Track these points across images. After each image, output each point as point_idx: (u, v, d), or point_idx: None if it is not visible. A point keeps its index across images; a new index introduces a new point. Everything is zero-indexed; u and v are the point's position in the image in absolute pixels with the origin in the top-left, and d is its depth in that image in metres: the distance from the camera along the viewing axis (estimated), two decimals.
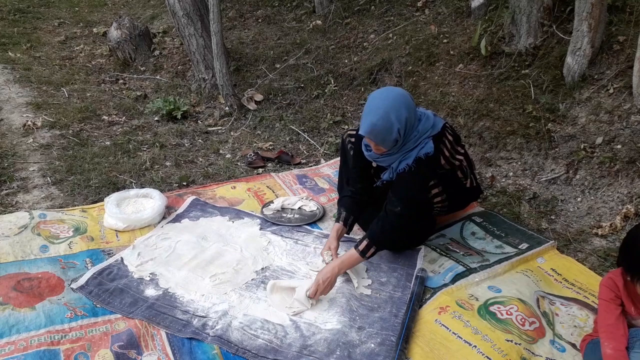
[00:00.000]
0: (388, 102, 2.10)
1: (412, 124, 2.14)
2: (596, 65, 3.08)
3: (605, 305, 1.71)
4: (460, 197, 2.47)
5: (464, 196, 2.51)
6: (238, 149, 3.69)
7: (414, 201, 2.19)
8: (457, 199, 2.46)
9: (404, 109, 2.10)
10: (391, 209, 2.18)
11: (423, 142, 2.16)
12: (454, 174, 2.35)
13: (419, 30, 4.24)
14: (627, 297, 1.69)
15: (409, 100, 2.15)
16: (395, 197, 2.18)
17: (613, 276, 1.73)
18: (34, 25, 6.62)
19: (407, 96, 2.16)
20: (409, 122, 2.12)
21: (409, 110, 2.11)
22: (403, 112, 2.09)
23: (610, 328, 1.67)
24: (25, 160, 3.34)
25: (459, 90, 3.60)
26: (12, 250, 2.33)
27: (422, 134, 2.17)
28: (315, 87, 4.26)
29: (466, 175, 2.40)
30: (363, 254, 2.16)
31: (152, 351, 1.88)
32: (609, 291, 1.71)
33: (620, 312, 1.69)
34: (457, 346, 1.87)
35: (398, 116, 2.08)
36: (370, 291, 2.20)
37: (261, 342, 1.92)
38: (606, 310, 1.70)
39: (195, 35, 4.45)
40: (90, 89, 4.80)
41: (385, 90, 2.22)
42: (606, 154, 2.76)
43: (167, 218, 2.73)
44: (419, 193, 2.22)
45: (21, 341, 1.84)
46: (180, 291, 2.19)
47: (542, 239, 2.48)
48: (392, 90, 2.22)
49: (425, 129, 2.18)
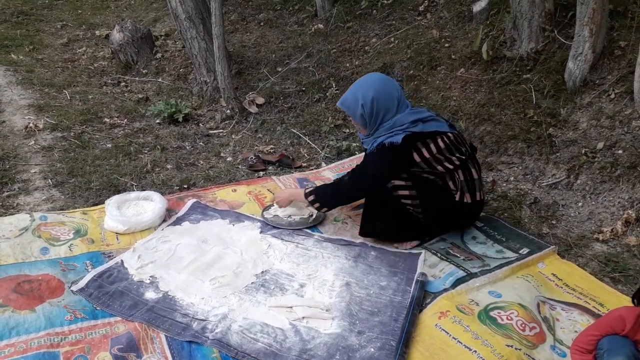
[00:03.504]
0: (362, 81, 2.45)
1: (382, 108, 2.35)
2: (597, 70, 3.08)
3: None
4: (447, 209, 2.39)
5: (453, 210, 2.40)
6: (239, 152, 3.70)
7: (362, 176, 2.45)
8: (444, 210, 2.40)
9: (371, 90, 2.36)
10: (342, 177, 2.56)
11: (394, 133, 2.32)
12: (443, 181, 2.35)
13: (421, 34, 4.25)
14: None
15: (384, 86, 2.38)
16: (353, 170, 2.52)
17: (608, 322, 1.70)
18: (36, 28, 6.64)
19: (383, 82, 2.41)
20: (376, 103, 2.34)
21: (377, 93, 2.35)
22: (370, 92, 2.35)
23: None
24: (27, 162, 3.35)
25: (460, 94, 3.60)
26: (12, 252, 2.33)
27: (396, 125, 2.33)
28: (317, 90, 4.27)
29: (458, 188, 2.36)
30: (306, 196, 2.54)
31: (151, 354, 1.88)
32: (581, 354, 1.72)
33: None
34: (457, 351, 1.86)
35: (364, 94, 2.36)
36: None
37: (261, 345, 1.92)
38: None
39: (197, 38, 4.46)
40: (92, 91, 4.80)
41: (369, 74, 2.55)
42: (607, 159, 2.76)
43: (168, 221, 2.73)
44: (370, 170, 2.42)
45: (21, 343, 1.84)
46: (180, 294, 2.18)
47: (542, 243, 2.47)
48: (375, 74, 2.53)
49: (400, 122, 2.34)
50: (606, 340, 1.66)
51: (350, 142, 3.70)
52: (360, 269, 2.35)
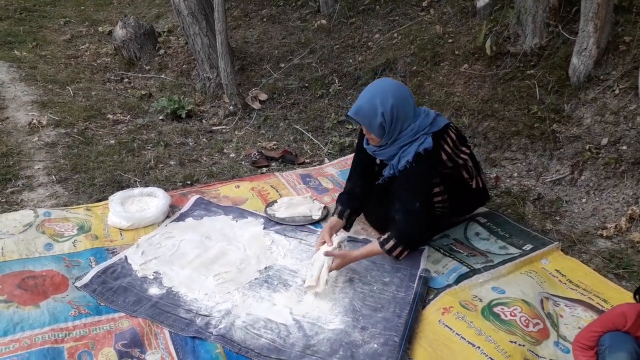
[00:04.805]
0: (377, 88, 2.22)
1: (401, 114, 2.19)
2: (602, 65, 3.06)
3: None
4: (466, 198, 2.47)
5: (470, 198, 2.51)
6: (242, 148, 3.69)
7: (427, 193, 2.26)
8: (463, 200, 2.46)
9: (390, 96, 2.17)
10: (409, 207, 2.17)
11: (421, 138, 2.21)
12: (459, 173, 2.36)
13: (424, 30, 4.23)
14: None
15: (401, 92, 2.22)
16: (409, 194, 2.19)
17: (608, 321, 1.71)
18: (39, 24, 6.64)
19: (398, 87, 2.24)
20: (396, 110, 2.17)
21: (396, 99, 2.17)
22: (389, 98, 2.16)
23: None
24: (31, 158, 3.36)
25: (463, 90, 3.59)
26: (16, 248, 2.34)
27: (420, 129, 2.22)
28: (320, 86, 4.26)
29: (472, 175, 2.40)
30: (389, 252, 2.17)
31: (155, 350, 1.88)
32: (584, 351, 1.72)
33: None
34: (461, 347, 1.86)
35: (383, 101, 2.16)
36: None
37: (264, 341, 1.92)
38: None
39: (200, 34, 4.46)
40: (95, 87, 4.81)
41: (380, 80, 2.33)
42: (611, 155, 2.75)
43: (171, 217, 2.73)
44: (427, 185, 2.26)
45: (25, 339, 1.85)
46: (184, 290, 2.19)
47: (546, 240, 2.47)
48: (386, 80, 2.32)
49: (423, 125, 2.23)
50: (608, 336, 1.67)
51: (353, 139, 3.69)
52: (364, 265, 2.34)
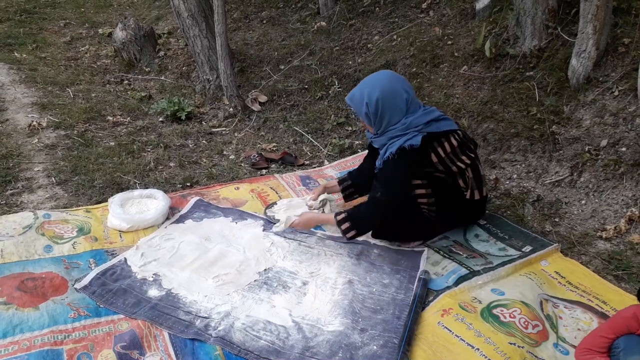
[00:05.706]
0: (371, 79, 2.36)
1: (387, 108, 2.27)
2: (601, 67, 3.07)
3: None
4: (457, 207, 2.43)
5: (462, 208, 2.45)
6: (242, 150, 3.70)
7: (394, 188, 2.30)
8: (453, 208, 2.42)
9: (378, 89, 2.28)
10: (372, 194, 2.35)
11: (411, 134, 2.25)
12: (454, 180, 2.36)
13: (423, 31, 4.24)
14: None
15: (391, 86, 2.29)
16: (377, 183, 2.34)
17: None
18: (39, 26, 6.65)
19: (391, 81, 2.31)
20: (382, 103, 2.27)
21: (383, 92, 2.27)
22: (376, 91, 2.28)
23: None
24: (30, 160, 3.36)
25: (463, 92, 3.59)
26: (16, 250, 2.34)
27: (412, 126, 2.26)
28: (319, 88, 4.27)
29: (468, 186, 2.38)
30: (339, 224, 2.36)
31: (154, 352, 1.88)
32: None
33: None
34: (460, 349, 1.86)
35: (370, 93, 2.29)
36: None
37: (263, 343, 1.92)
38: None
39: (200, 36, 4.47)
40: (95, 89, 4.82)
41: (380, 72, 2.45)
42: (611, 156, 2.75)
43: (171, 219, 2.73)
44: (399, 181, 2.30)
45: (24, 341, 1.85)
46: (183, 292, 2.19)
47: (545, 241, 2.47)
48: (384, 72, 2.43)
49: (416, 123, 2.26)
50: (622, 339, 1.66)
51: (352, 140, 3.70)
52: (363, 266, 2.35)
